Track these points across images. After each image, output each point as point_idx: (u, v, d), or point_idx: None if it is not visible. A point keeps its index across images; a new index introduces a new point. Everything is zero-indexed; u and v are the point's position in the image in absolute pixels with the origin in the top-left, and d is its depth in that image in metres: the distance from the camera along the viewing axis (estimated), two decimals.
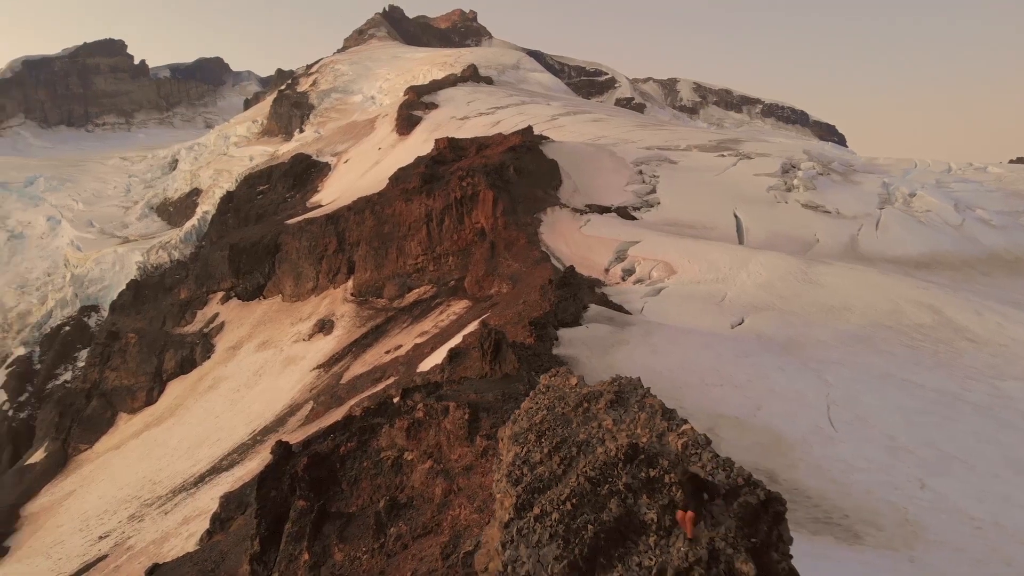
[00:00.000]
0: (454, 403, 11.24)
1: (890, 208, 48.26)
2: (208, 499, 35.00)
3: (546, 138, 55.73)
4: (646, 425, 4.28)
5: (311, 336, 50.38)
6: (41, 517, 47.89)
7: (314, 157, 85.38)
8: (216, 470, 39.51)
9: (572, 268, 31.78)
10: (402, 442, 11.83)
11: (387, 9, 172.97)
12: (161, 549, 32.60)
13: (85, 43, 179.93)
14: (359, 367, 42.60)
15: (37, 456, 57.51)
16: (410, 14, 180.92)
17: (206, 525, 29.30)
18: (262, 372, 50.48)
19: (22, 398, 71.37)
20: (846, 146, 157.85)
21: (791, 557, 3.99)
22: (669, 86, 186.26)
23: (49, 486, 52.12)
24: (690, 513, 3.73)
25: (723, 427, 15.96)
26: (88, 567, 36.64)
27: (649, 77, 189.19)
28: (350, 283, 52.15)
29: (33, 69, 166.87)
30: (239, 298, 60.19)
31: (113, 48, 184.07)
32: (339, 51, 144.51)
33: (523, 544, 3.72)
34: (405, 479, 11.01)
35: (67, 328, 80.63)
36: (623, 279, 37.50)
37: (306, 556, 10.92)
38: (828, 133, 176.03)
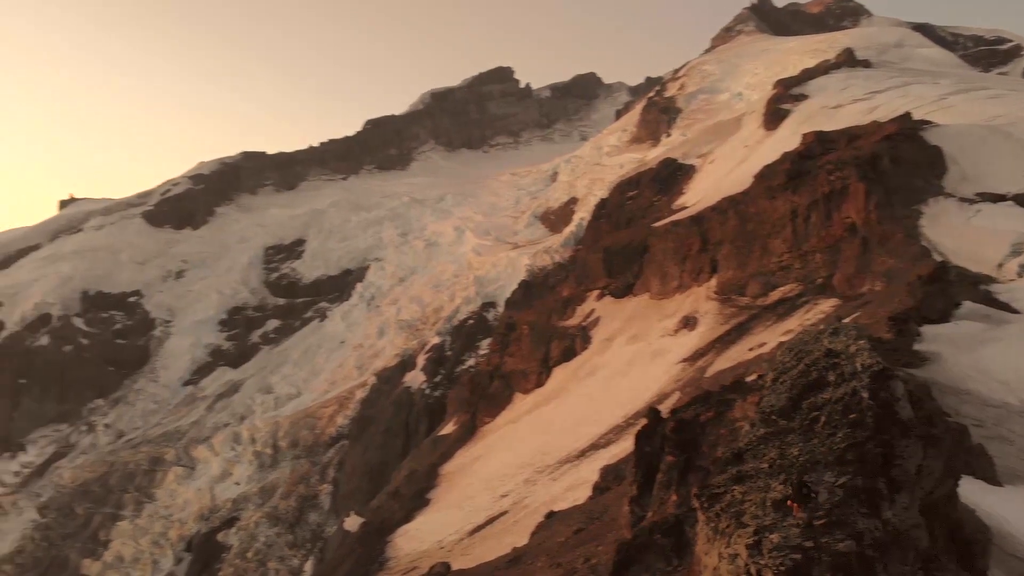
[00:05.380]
0: None
1: None
2: (589, 471, 39.45)
3: (928, 122, 51.50)
4: (841, 341, 6.65)
5: (676, 331, 53.23)
6: (455, 476, 57.07)
7: (680, 160, 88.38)
8: (595, 447, 44.21)
9: (943, 264, 30.04)
10: (752, 414, 13.88)
11: (755, 2, 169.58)
12: (551, 508, 37.57)
13: (480, 73, 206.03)
14: (722, 363, 44.17)
15: (449, 427, 68.86)
16: (779, 3, 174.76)
17: (588, 493, 33.56)
18: (633, 363, 54.57)
19: (436, 379, 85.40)
20: None
21: (898, 399, 6.07)
22: None
23: (461, 451, 61.97)
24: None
25: None
26: (493, 520, 43.25)
27: None
28: (713, 281, 53.86)
29: (439, 100, 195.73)
30: (612, 296, 65.52)
31: (503, 75, 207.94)
32: (706, 51, 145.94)
33: (772, 393, 6.43)
34: None
35: (471, 321, 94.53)
36: (1020, 275, 33.97)
37: (674, 498, 13.55)
38: None
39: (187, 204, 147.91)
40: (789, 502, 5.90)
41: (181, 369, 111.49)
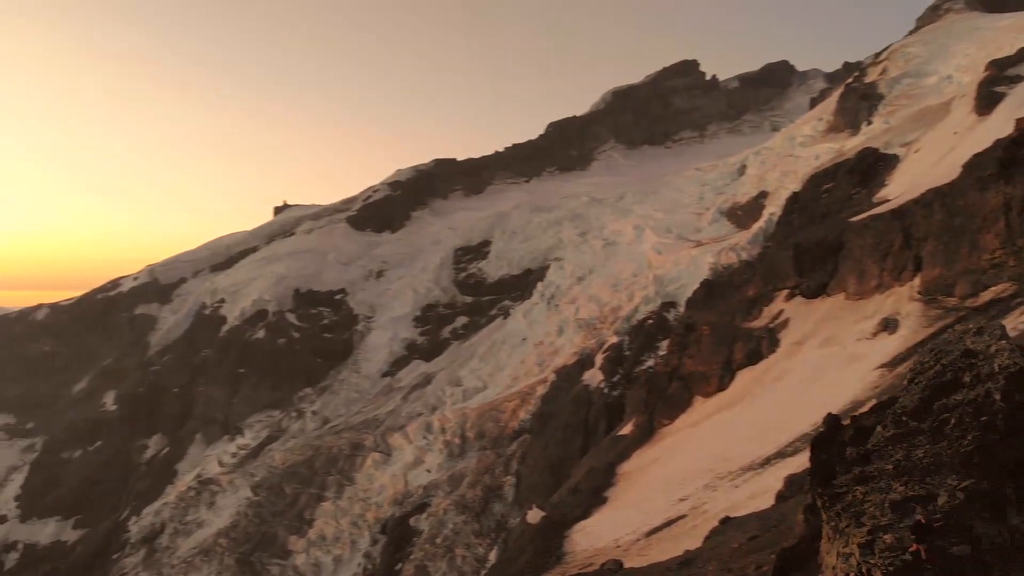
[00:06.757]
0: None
1: None
2: (773, 479, 37.87)
3: None
4: (982, 341, 6.21)
5: (875, 335, 49.72)
6: (632, 476, 56.82)
7: (881, 150, 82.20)
8: (781, 455, 42.35)
9: None
10: None
11: None
12: (731, 515, 36.50)
13: (664, 68, 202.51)
14: None
15: (627, 428, 68.55)
16: None
17: (771, 502, 32.31)
18: (825, 368, 51.55)
19: (615, 379, 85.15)
20: None
21: None
22: None
23: (639, 452, 61.57)
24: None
25: None
26: (670, 523, 42.67)
27: None
28: (916, 281, 49.73)
29: (620, 98, 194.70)
30: (803, 296, 62.17)
31: (687, 68, 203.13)
32: (910, 33, 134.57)
33: (906, 393, 6.23)
34: None
35: (650, 321, 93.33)
36: None
37: None
38: None
39: (386, 209, 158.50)
40: (914, 546, 5.64)
41: (380, 361, 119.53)
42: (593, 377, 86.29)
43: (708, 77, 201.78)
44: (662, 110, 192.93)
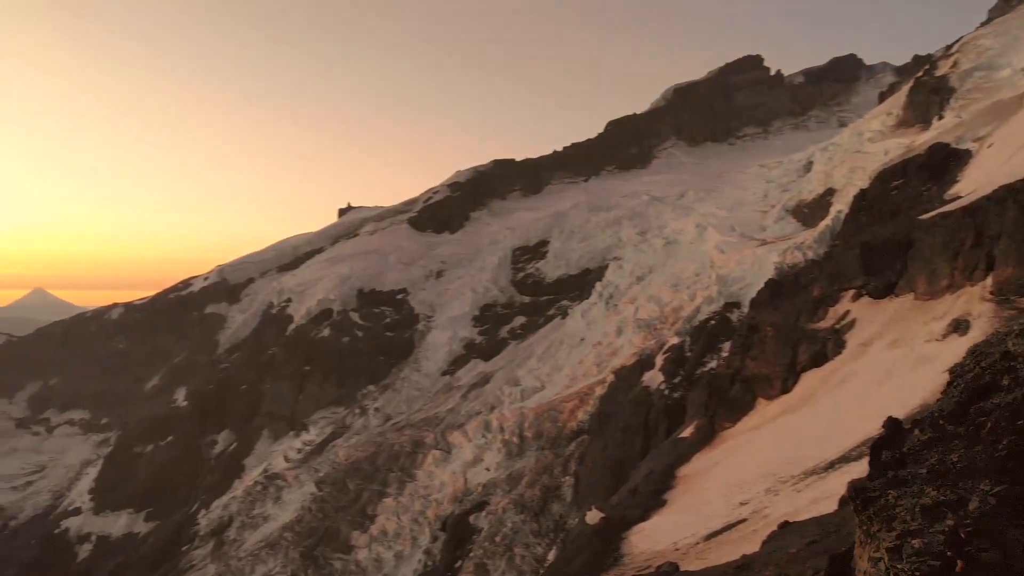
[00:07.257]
0: None
1: None
2: (836, 484, 36.95)
3: None
4: (1022, 344, 6.02)
5: (944, 336, 47.99)
6: (692, 479, 56.14)
7: (953, 145, 79.27)
8: (845, 459, 41.32)
9: None
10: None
11: None
12: (792, 520, 35.84)
13: (726, 64, 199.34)
14: None
15: (688, 430, 67.69)
16: None
17: (834, 507, 31.62)
18: (892, 370, 50.03)
19: (675, 380, 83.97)
20: None
21: None
22: None
23: (699, 455, 60.81)
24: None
25: None
26: (730, 527, 42.04)
27: None
28: (989, 280, 47.76)
29: (682, 95, 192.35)
30: (870, 296, 60.41)
31: (751, 64, 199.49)
32: (982, 24, 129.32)
33: (945, 396, 6.12)
34: None
35: (712, 322, 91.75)
36: None
37: None
38: None
39: (446, 210, 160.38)
40: (959, 565, 5.55)
41: (440, 360, 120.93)
42: (653, 378, 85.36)
43: (772, 72, 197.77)
44: (725, 106, 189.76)
